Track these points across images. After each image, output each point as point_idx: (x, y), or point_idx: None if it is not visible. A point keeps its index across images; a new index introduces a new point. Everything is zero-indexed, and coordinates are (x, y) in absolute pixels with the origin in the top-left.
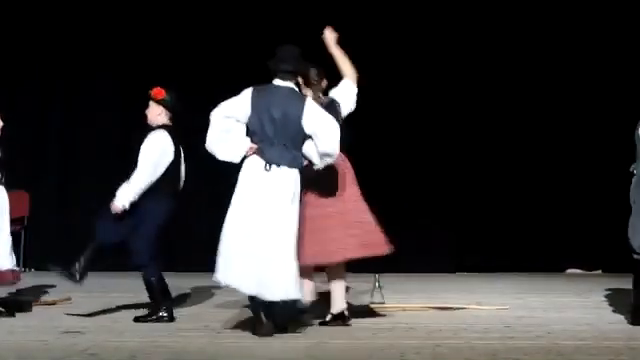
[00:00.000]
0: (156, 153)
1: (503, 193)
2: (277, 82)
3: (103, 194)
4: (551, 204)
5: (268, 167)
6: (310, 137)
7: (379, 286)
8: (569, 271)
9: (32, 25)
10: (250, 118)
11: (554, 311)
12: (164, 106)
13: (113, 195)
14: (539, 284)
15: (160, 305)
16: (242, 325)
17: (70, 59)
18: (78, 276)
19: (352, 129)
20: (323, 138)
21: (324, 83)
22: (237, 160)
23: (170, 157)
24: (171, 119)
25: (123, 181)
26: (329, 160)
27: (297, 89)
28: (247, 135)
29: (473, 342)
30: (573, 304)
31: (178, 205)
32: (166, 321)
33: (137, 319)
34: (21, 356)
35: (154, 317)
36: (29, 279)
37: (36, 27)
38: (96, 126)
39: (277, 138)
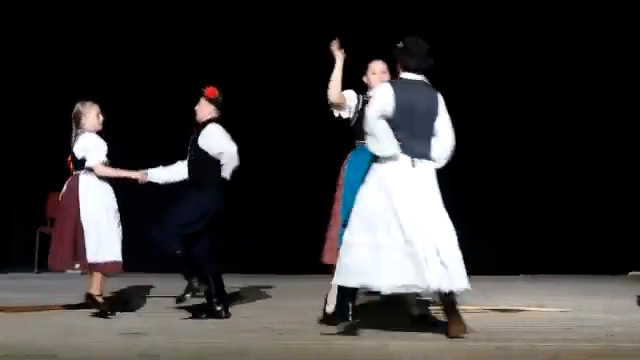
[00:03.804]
0: (226, 137)
1: (566, 195)
2: (411, 76)
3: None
4: (615, 206)
5: (414, 163)
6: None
7: None
8: (631, 273)
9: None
10: (394, 113)
11: (615, 313)
12: (215, 105)
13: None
14: (601, 286)
15: (214, 300)
16: (303, 326)
17: None
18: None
19: None
20: (449, 134)
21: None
22: (397, 152)
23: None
24: (219, 117)
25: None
26: (441, 163)
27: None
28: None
29: (534, 344)
30: (635, 307)
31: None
32: (222, 316)
33: (194, 315)
34: (81, 357)
35: (209, 312)
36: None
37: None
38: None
39: (420, 132)
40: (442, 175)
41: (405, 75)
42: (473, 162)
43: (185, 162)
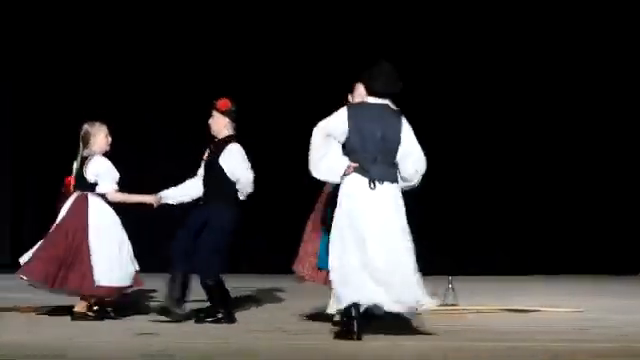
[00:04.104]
0: (245, 163)
1: (579, 196)
2: (373, 100)
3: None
4: (627, 207)
5: (373, 185)
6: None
7: (452, 288)
8: None
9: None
10: (349, 137)
11: (629, 313)
12: (229, 117)
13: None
14: (614, 286)
15: (218, 308)
16: (315, 327)
17: None
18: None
19: None
20: (417, 156)
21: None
22: (337, 180)
23: None
24: (235, 129)
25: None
26: (417, 178)
27: (391, 106)
28: (344, 154)
29: (547, 344)
30: None
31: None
32: (225, 323)
33: (198, 320)
34: (95, 357)
35: (213, 319)
36: None
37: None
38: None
39: (379, 155)
40: (455, 179)
41: (369, 99)
42: (488, 164)
43: (194, 179)
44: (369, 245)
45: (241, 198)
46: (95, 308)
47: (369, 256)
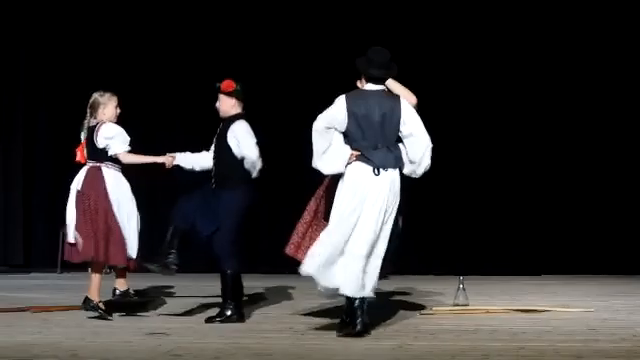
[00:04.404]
0: (253, 136)
1: (591, 196)
2: (370, 86)
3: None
4: (637, 206)
5: (377, 172)
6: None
7: (463, 288)
8: None
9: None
10: (348, 125)
11: (639, 314)
12: (236, 97)
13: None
14: (624, 287)
15: (229, 303)
16: (326, 327)
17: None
18: (173, 266)
19: None
20: (421, 138)
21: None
22: (342, 170)
23: None
24: (244, 108)
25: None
26: (419, 168)
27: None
28: (345, 142)
29: (557, 345)
30: None
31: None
32: (235, 321)
33: (208, 320)
34: (106, 357)
35: (222, 317)
36: None
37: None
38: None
39: (380, 141)
40: (467, 179)
41: (366, 86)
42: (500, 164)
43: (209, 152)
44: (360, 230)
45: (253, 176)
46: (117, 292)
47: (354, 240)
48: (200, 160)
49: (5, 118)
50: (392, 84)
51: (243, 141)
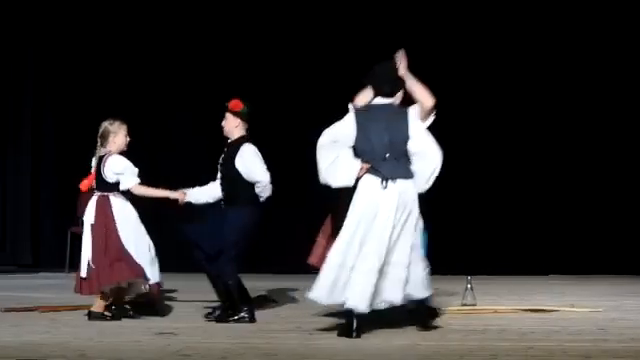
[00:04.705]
0: (262, 161)
1: (599, 196)
2: (379, 100)
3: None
4: None
5: (385, 184)
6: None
7: (471, 288)
8: None
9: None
10: (357, 139)
11: None
12: (241, 118)
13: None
14: (633, 287)
15: (240, 306)
16: (334, 327)
17: None
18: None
19: None
20: (429, 155)
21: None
22: (351, 183)
23: None
24: (247, 130)
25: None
26: (427, 182)
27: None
28: (355, 156)
29: (565, 345)
30: None
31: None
32: (247, 321)
33: (219, 319)
34: (114, 357)
35: (235, 318)
36: None
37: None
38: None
39: (389, 153)
40: (473, 179)
41: (375, 100)
42: (507, 164)
43: (217, 182)
44: (370, 243)
45: (261, 199)
46: (113, 307)
47: (364, 254)
48: (210, 192)
49: (13, 119)
50: (412, 84)
51: (253, 167)
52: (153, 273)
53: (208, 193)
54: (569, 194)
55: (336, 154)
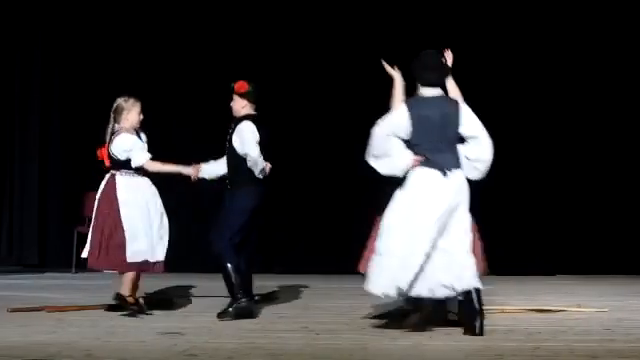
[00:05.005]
0: (256, 136)
1: (603, 195)
2: (427, 91)
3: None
4: None
5: (444, 174)
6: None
7: None
8: None
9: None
10: (412, 131)
11: None
12: (247, 99)
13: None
14: (639, 287)
15: (237, 298)
16: (341, 326)
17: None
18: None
19: None
20: (482, 140)
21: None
22: (401, 174)
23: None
24: (255, 109)
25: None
26: (482, 167)
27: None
28: (409, 147)
29: (572, 345)
30: None
31: (268, 190)
32: (246, 312)
33: (221, 315)
34: (121, 357)
35: (235, 312)
36: None
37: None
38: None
39: (443, 144)
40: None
41: (423, 90)
42: (514, 161)
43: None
44: (433, 234)
45: (256, 175)
46: (140, 301)
47: (431, 244)
48: (223, 166)
49: (20, 120)
50: (449, 82)
51: (245, 141)
52: (156, 252)
53: (220, 168)
54: (576, 194)
55: (389, 144)
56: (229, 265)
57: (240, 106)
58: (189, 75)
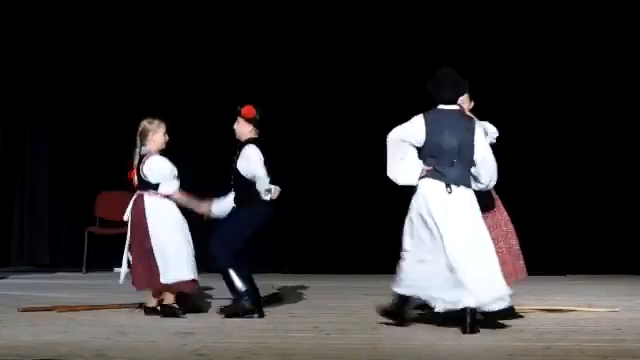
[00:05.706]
0: (261, 158)
1: (613, 195)
2: (446, 106)
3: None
4: None
5: (449, 189)
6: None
7: None
8: None
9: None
10: (426, 142)
11: None
12: (253, 124)
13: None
14: None
15: (241, 296)
16: (352, 326)
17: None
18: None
19: None
20: (490, 164)
21: (471, 104)
22: (415, 182)
23: None
24: (259, 134)
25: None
26: (485, 187)
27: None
28: (420, 158)
29: (583, 344)
30: None
31: (276, 213)
32: (250, 308)
33: (223, 311)
34: (132, 357)
35: (241, 311)
36: None
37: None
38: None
39: (456, 159)
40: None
41: (440, 106)
42: (523, 161)
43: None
44: (447, 246)
45: (262, 197)
46: (171, 303)
47: (447, 257)
48: (232, 202)
49: (31, 119)
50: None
51: (251, 165)
52: (189, 271)
53: (230, 202)
54: (586, 194)
55: (403, 152)
56: (229, 269)
57: (246, 130)
58: (196, 80)
